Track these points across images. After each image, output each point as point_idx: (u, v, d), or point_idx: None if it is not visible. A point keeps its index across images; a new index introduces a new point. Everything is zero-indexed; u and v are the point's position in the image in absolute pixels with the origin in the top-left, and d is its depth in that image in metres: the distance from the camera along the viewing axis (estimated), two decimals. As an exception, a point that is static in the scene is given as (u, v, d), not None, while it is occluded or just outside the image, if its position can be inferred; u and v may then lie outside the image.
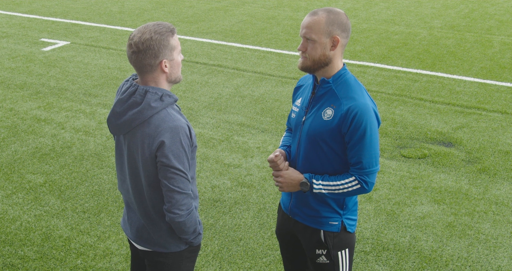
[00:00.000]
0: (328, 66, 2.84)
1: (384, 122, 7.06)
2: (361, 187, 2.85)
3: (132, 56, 2.61)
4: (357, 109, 2.75)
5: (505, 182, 5.75)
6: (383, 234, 4.91)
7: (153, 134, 2.60)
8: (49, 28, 11.41)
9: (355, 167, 2.85)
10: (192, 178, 2.78)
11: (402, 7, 13.88)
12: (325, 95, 2.89)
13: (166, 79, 2.69)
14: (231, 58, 9.58)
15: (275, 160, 2.97)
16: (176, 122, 2.62)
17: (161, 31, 2.58)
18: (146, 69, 2.63)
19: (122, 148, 2.79)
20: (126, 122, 2.66)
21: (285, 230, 3.27)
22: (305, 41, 2.81)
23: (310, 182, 2.91)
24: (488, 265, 4.53)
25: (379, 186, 5.63)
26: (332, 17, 2.77)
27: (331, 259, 3.08)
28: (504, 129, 6.91)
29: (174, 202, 2.63)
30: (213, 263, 4.52)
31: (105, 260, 4.54)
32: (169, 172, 2.60)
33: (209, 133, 6.73)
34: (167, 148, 2.58)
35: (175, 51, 2.65)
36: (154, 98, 2.63)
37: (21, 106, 7.47)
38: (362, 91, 2.85)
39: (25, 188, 5.56)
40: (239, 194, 5.49)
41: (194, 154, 2.76)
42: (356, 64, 9.32)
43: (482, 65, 9.35)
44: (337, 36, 2.77)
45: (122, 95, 2.69)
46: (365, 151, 2.81)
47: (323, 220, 3.04)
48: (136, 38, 2.58)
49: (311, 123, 2.91)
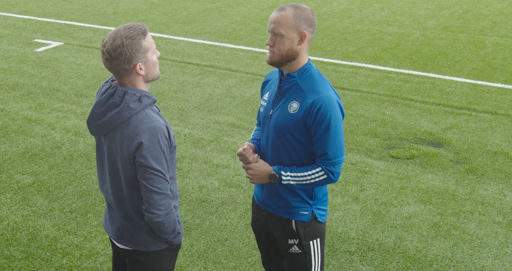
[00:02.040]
0: (294, 60, 2.92)
1: (374, 123, 7.08)
2: (327, 177, 2.94)
3: (106, 63, 2.64)
4: (322, 102, 2.83)
5: (492, 182, 5.77)
6: (368, 234, 4.93)
7: (131, 135, 2.63)
8: (43, 29, 11.42)
9: (321, 158, 2.93)
10: (171, 178, 2.80)
11: (396, 8, 13.91)
12: (290, 89, 2.97)
13: (144, 80, 2.72)
14: (224, 59, 9.60)
15: (244, 153, 3.06)
16: (155, 123, 2.64)
17: (132, 35, 2.59)
18: (122, 73, 2.66)
19: (102, 149, 2.82)
20: (105, 124, 2.69)
21: (259, 222, 3.34)
22: (273, 36, 2.87)
23: (278, 174, 2.99)
24: (472, 265, 4.55)
25: (366, 186, 5.65)
26: (299, 13, 2.84)
27: (303, 249, 3.17)
28: (493, 129, 6.93)
29: (153, 202, 2.66)
30: (198, 263, 4.54)
31: (91, 260, 4.56)
32: (147, 172, 2.63)
33: (199, 134, 6.75)
34: (145, 149, 2.60)
35: (149, 52, 2.67)
36: (133, 99, 2.65)
37: (12, 106, 7.48)
38: (326, 85, 2.93)
39: (14, 188, 5.58)
40: (227, 194, 5.51)
41: (173, 154, 2.78)
42: (348, 65, 9.34)
43: (474, 66, 9.38)
44: (304, 31, 2.85)
45: (101, 96, 2.71)
46: (331, 142, 2.88)
47: (294, 210, 3.11)
48: (108, 45, 2.59)
49: (278, 117, 2.98)
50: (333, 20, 12.57)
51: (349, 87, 8.29)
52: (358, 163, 6.11)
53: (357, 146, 6.49)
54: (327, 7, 13.85)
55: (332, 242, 4.81)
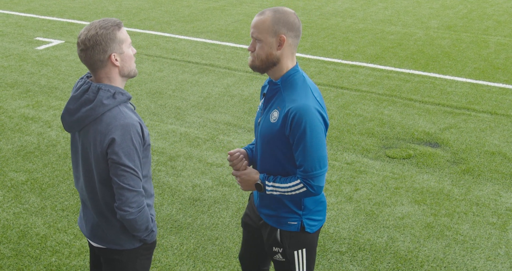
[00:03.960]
0: (276, 66, 2.82)
1: (372, 122, 7.04)
2: (307, 190, 2.82)
3: (81, 54, 2.62)
4: (296, 111, 2.71)
5: (488, 182, 5.71)
6: (360, 234, 4.88)
7: (104, 132, 2.61)
8: (44, 27, 11.43)
9: (300, 170, 2.81)
10: (145, 176, 2.78)
11: (400, 7, 13.83)
12: (273, 97, 2.89)
13: (119, 73, 2.70)
14: (224, 58, 9.57)
15: (231, 159, 3.00)
16: (127, 120, 2.62)
17: (106, 26, 2.59)
18: (97, 65, 2.64)
19: (77, 145, 2.80)
20: (79, 120, 2.67)
21: (252, 222, 3.28)
22: (254, 41, 2.80)
23: (263, 183, 2.91)
24: (464, 266, 4.50)
25: (361, 186, 5.61)
26: (278, 16, 2.75)
27: (287, 258, 3.09)
28: (492, 130, 6.87)
29: (124, 199, 2.63)
30: (187, 262, 4.51)
31: (80, 258, 4.54)
32: (119, 169, 2.61)
33: (195, 133, 6.72)
34: (117, 145, 2.58)
35: (124, 44, 2.65)
36: (107, 95, 2.63)
37: (10, 104, 7.49)
38: (307, 92, 2.79)
39: (7, 185, 5.57)
40: (219, 193, 5.48)
41: (147, 152, 2.76)
42: (348, 64, 9.29)
43: (476, 65, 9.30)
44: (283, 35, 2.75)
45: (76, 92, 2.69)
46: (307, 153, 2.76)
47: (282, 220, 3.04)
48: (82, 36, 2.59)
49: (262, 125, 2.92)
50: (336, 19, 12.51)
51: (348, 87, 8.25)
52: (354, 163, 6.06)
53: (354, 145, 6.44)
54: (330, 6, 13.80)
55: (323, 242, 4.77)
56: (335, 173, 5.83)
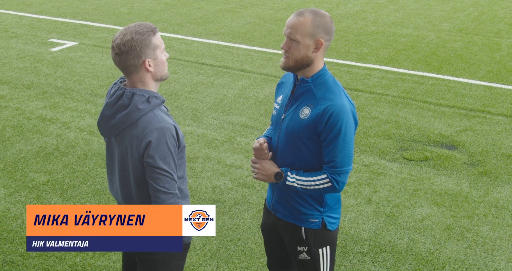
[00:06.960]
0: (309, 67, 2.90)
1: (388, 124, 7.07)
2: (332, 185, 2.90)
3: (116, 58, 2.67)
4: (334, 109, 2.80)
5: (506, 185, 5.74)
6: (381, 236, 4.92)
7: (140, 136, 2.66)
8: (58, 29, 11.50)
9: (328, 165, 2.90)
10: (181, 178, 2.82)
11: (411, 9, 13.85)
12: (303, 95, 2.95)
13: (152, 78, 2.75)
14: (238, 60, 9.62)
15: (263, 148, 3.03)
16: (162, 124, 2.67)
17: (142, 31, 2.64)
18: (131, 69, 2.68)
19: (113, 150, 2.85)
20: (115, 125, 2.72)
21: (269, 226, 3.33)
22: (289, 41, 2.86)
23: (285, 174, 2.96)
24: (485, 268, 4.53)
25: (379, 188, 5.64)
26: (318, 20, 2.80)
27: (312, 256, 3.14)
28: (508, 132, 6.89)
29: (160, 201, 2.68)
30: (210, 263, 4.55)
31: (104, 258, 4.59)
32: (155, 172, 2.65)
33: (212, 134, 6.77)
34: (153, 149, 2.63)
35: (158, 50, 2.70)
36: (141, 100, 2.68)
37: (27, 105, 7.55)
38: (340, 92, 2.89)
39: (28, 186, 5.62)
40: (240, 194, 5.52)
41: (182, 154, 2.80)
42: (362, 67, 9.32)
43: (489, 68, 9.32)
44: (321, 39, 2.82)
45: (110, 98, 2.75)
46: (339, 150, 2.85)
47: (303, 216, 3.09)
48: (118, 40, 2.64)
49: (289, 122, 2.97)
50: (347, 22, 12.55)
51: (363, 89, 8.28)
52: (371, 165, 6.10)
53: (371, 147, 6.48)
54: (341, 9, 13.83)
55: (344, 243, 4.81)
56: (354, 175, 5.87)
